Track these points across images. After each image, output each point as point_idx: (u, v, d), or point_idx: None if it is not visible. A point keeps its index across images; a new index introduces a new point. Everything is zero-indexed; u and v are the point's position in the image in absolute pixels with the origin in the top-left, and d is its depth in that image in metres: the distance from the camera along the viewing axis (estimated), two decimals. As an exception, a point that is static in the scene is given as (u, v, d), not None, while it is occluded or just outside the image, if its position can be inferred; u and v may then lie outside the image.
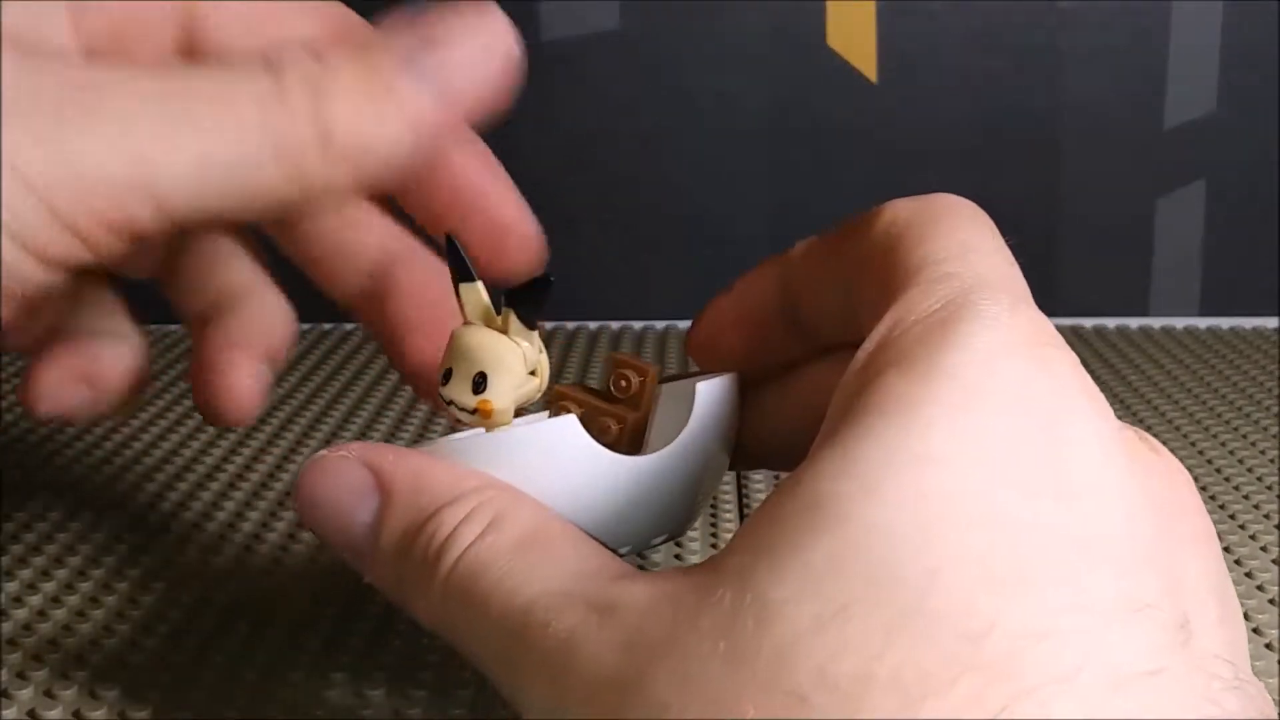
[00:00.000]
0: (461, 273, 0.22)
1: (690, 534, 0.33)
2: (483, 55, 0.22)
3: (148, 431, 0.41)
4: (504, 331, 0.21)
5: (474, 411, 0.21)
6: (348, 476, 0.21)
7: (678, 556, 0.32)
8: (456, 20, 0.22)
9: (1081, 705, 0.15)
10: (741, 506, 0.35)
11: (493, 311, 0.21)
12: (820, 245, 0.23)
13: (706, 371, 0.25)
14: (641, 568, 0.26)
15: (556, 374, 0.47)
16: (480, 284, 0.22)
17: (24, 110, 0.20)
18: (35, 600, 0.30)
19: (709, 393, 0.23)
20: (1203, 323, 0.54)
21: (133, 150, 0.20)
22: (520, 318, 0.21)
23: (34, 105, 0.20)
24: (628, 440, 0.23)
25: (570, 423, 0.21)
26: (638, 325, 0.54)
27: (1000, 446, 0.17)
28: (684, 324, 0.54)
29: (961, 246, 0.20)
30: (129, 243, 0.21)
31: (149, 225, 0.21)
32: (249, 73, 0.22)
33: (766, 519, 0.17)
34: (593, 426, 0.22)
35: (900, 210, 0.21)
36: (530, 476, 0.21)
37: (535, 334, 0.21)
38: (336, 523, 0.21)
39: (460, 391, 0.21)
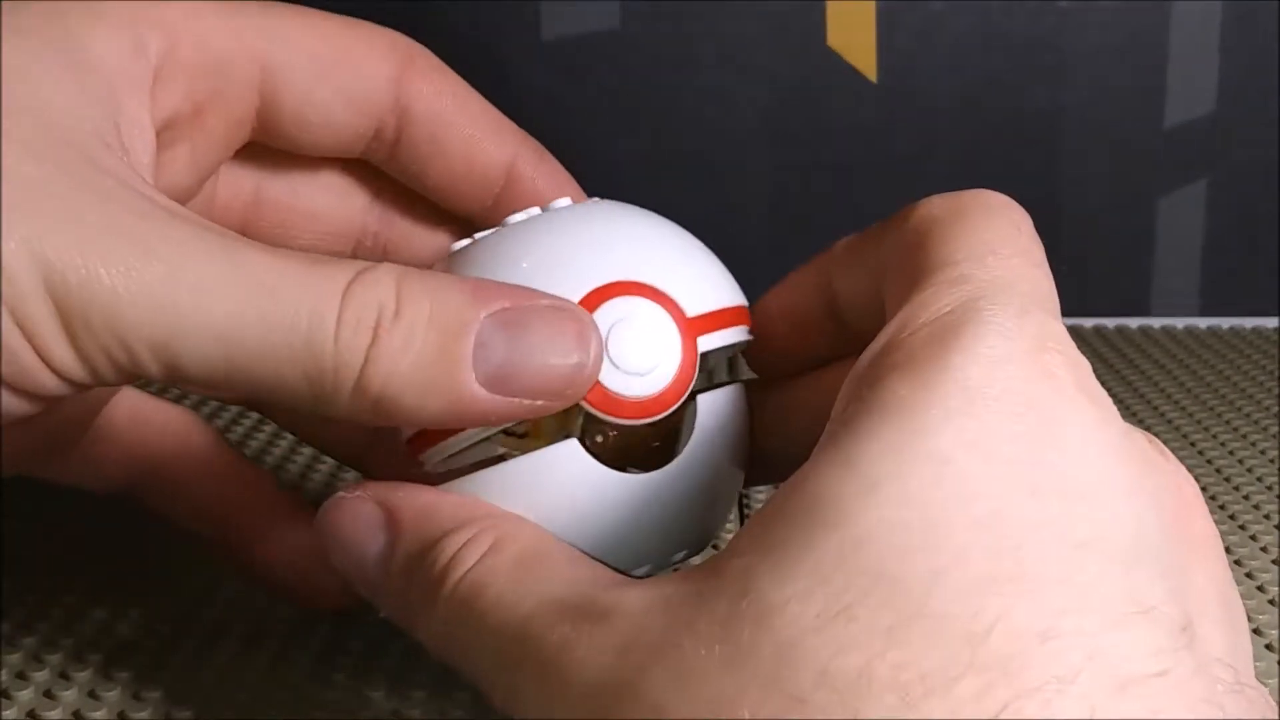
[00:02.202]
0: None
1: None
2: (554, 363, 0.21)
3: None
4: None
5: (524, 436, 0.22)
6: (361, 514, 0.22)
7: (676, 568, 0.32)
8: (544, 314, 0.21)
9: (1084, 706, 0.15)
10: (741, 508, 0.35)
11: None
12: (860, 240, 0.22)
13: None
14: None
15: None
16: None
17: (63, 210, 0.19)
18: (34, 599, 0.30)
19: (711, 404, 0.23)
20: (1203, 323, 0.54)
21: (164, 300, 0.19)
22: None
23: (74, 208, 0.20)
24: (664, 452, 0.23)
25: (570, 447, 0.22)
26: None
27: (1003, 449, 0.17)
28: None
29: (982, 247, 0.19)
30: (124, 379, 0.20)
31: (152, 373, 0.20)
32: (322, 275, 0.20)
33: (768, 519, 0.17)
34: (633, 441, 0.22)
35: (932, 207, 0.21)
36: (538, 503, 0.21)
37: None
38: (352, 557, 0.22)
39: None
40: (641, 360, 0.21)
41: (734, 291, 0.24)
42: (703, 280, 0.23)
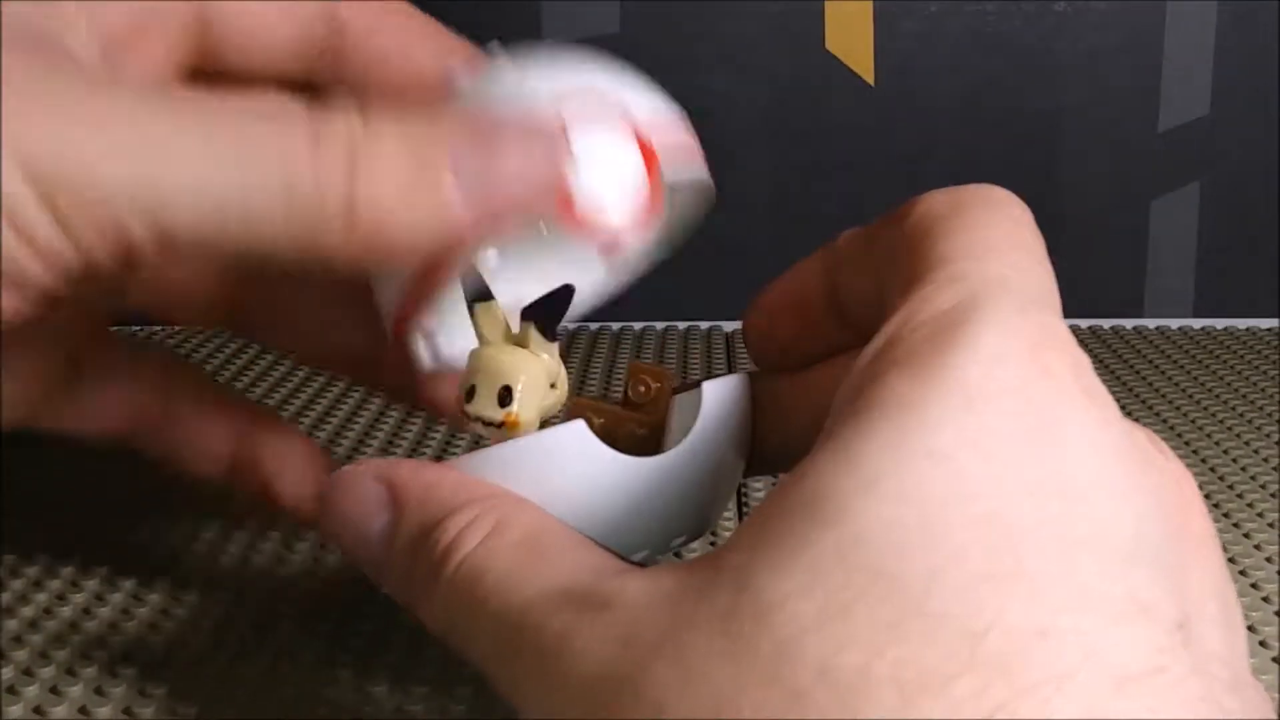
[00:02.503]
0: (478, 293, 0.22)
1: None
2: (529, 176, 0.22)
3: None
4: (524, 346, 0.22)
5: (500, 425, 0.22)
6: (364, 490, 0.22)
7: (677, 555, 0.32)
8: (513, 133, 0.22)
9: (1081, 704, 0.15)
10: (741, 505, 0.35)
11: (510, 328, 0.22)
12: (861, 235, 0.22)
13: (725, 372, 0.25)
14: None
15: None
16: (496, 302, 0.22)
17: (37, 105, 0.20)
18: (42, 598, 0.30)
19: (716, 392, 0.23)
20: (1197, 323, 0.54)
21: (140, 163, 0.20)
22: (540, 330, 0.22)
23: (47, 101, 0.20)
24: (653, 443, 0.24)
25: (577, 427, 0.22)
26: (637, 326, 0.54)
27: (1002, 447, 0.17)
28: (683, 325, 0.54)
29: (982, 244, 0.19)
30: (123, 257, 0.21)
31: (144, 242, 0.20)
32: (287, 114, 0.21)
33: (767, 515, 0.17)
34: (621, 432, 0.23)
35: (933, 202, 0.21)
36: (541, 484, 0.21)
37: (555, 346, 0.22)
38: (354, 534, 0.22)
39: (486, 406, 0.22)
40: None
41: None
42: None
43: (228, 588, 0.30)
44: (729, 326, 0.54)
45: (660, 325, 0.54)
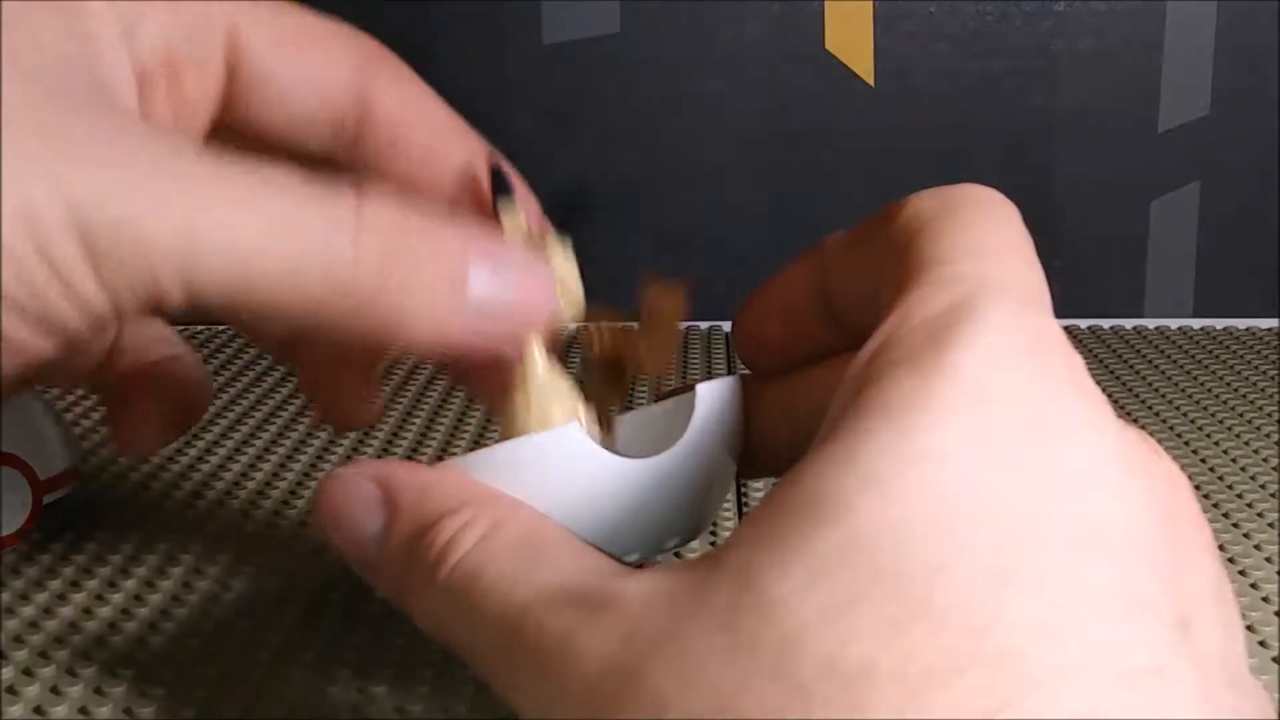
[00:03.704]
0: (503, 189, 0.23)
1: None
2: (532, 303, 0.23)
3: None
4: (542, 244, 0.23)
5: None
6: (359, 491, 0.22)
7: (676, 554, 0.32)
8: (521, 266, 0.23)
9: (1085, 700, 0.15)
10: (740, 505, 0.35)
11: (528, 229, 0.23)
12: (850, 237, 0.23)
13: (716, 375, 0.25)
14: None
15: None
16: (517, 200, 0.23)
17: (86, 152, 0.20)
18: (42, 598, 0.30)
19: (709, 394, 0.23)
20: (1197, 323, 0.54)
21: (185, 222, 0.20)
22: (558, 228, 0.23)
23: (96, 149, 0.20)
24: (652, 365, 0.24)
25: (571, 430, 0.22)
26: (637, 326, 0.54)
27: (1002, 446, 0.17)
28: (682, 325, 0.54)
29: (975, 245, 0.19)
30: (145, 309, 0.21)
31: (173, 296, 0.21)
32: (334, 197, 0.21)
33: (768, 514, 0.17)
34: (616, 384, 0.24)
35: (922, 203, 0.21)
36: (536, 485, 0.21)
37: (569, 245, 0.23)
38: (349, 535, 0.22)
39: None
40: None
41: None
42: None
43: (228, 588, 0.30)
44: (729, 326, 0.54)
45: (660, 325, 0.54)
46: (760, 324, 0.25)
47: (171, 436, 0.29)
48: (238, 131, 0.26)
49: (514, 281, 0.22)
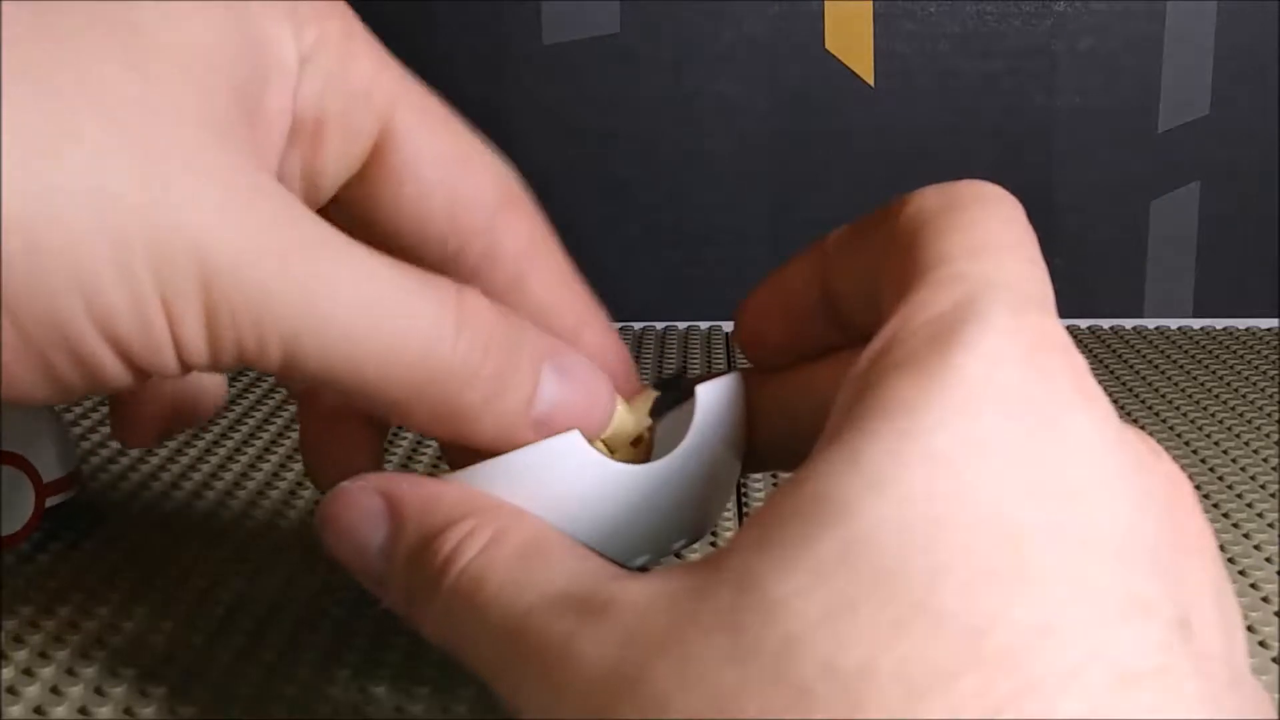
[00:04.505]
0: (666, 398, 0.24)
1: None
2: (591, 408, 0.23)
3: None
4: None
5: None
6: (364, 504, 0.22)
7: (677, 555, 0.32)
8: (584, 371, 0.23)
9: (1086, 702, 0.15)
10: (740, 507, 0.35)
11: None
12: (853, 232, 0.22)
13: (714, 374, 0.25)
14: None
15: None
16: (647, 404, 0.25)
17: (227, 196, 0.20)
18: (42, 598, 0.30)
19: (709, 394, 0.23)
20: (1197, 324, 0.54)
21: (303, 292, 0.20)
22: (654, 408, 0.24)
23: (236, 194, 0.20)
24: (643, 453, 0.24)
25: (573, 438, 0.22)
26: (637, 326, 0.54)
27: (1003, 449, 0.17)
28: (683, 325, 0.54)
29: (978, 243, 0.19)
30: (240, 365, 0.21)
31: (268, 362, 0.20)
32: (441, 287, 0.21)
33: (769, 517, 0.17)
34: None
35: (925, 200, 0.21)
36: (539, 494, 0.22)
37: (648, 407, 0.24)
38: (354, 548, 0.22)
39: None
40: None
41: None
42: None
43: (228, 587, 0.30)
44: (729, 326, 0.54)
45: (660, 325, 0.54)
46: (762, 319, 0.25)
47: (175, 433, 0.29)
48: (360, 216, 0.25)
49: (578, 388, 0.23)
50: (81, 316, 0.19)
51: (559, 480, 0.22)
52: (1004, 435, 0.17)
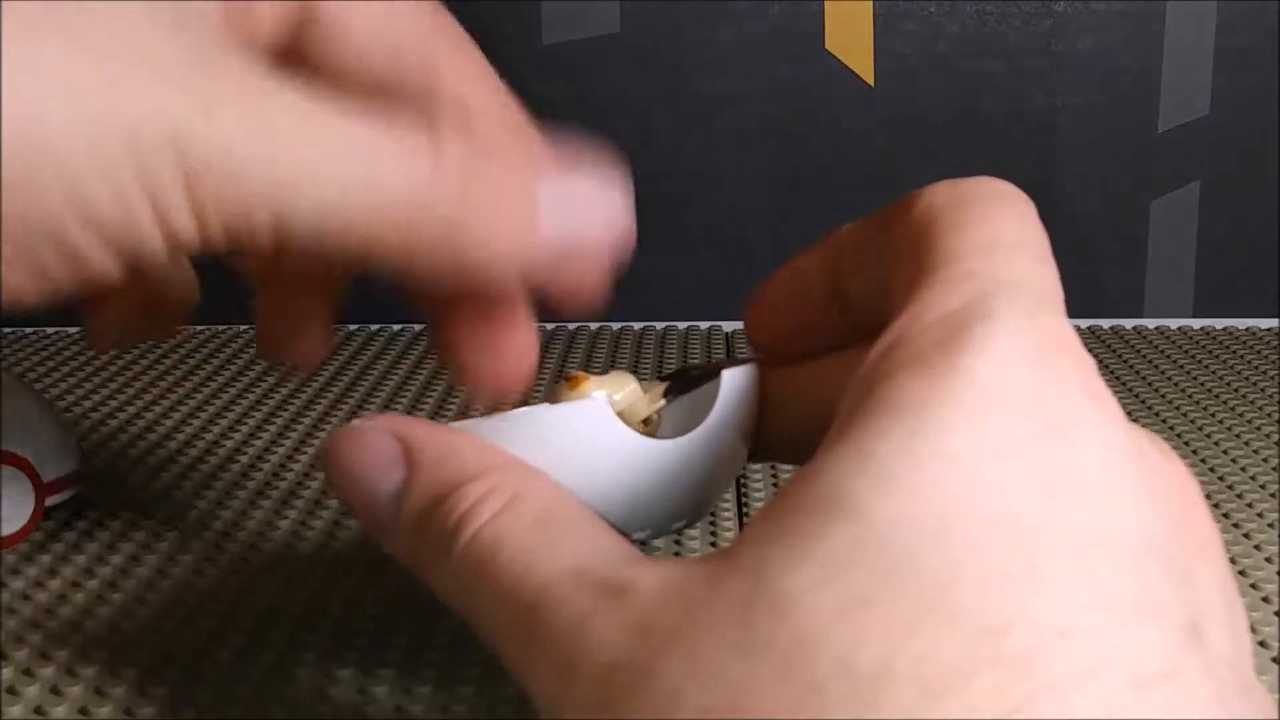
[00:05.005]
0: (675, 388, 0.25)
1: (690, 534, 0.33)
2: (602, 216, 0.23)
3: (154, 430, 0.41)
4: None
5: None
6: (377, 446, 0.21)
7: (677, 554, 0.32)
8: (589, 171, 0.23)
9: (1101, 704, 0.15)
10: (740, 506, 0.35)
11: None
12: (864, 227, 0.22)
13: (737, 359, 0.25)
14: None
15: (557, 372, 0.47)
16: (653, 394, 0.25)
17: (187, 74, 0.20)
18: (42, 598, 0.30)
19: (734, 379, 0.23)
20: (1197, 324, 0.54)
21: (279, 156, 0.20)
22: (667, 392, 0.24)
23: (203, 84, 0.20)
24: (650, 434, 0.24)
25: (599, 404, 0.22)
26: (637, 326, 0.54)
27: (1014, 448, 0.17)
28: (683, 325, 0.54)
29: (989, 241, 0.19)
30: (230, 245, 0.21)
31: (262, 233, 0.20)
32: (413, 128, 0.21)
33: (780, 511, 0.17)
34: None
35: (937, 196, 0.20)
36: (558, 456, 0.21)
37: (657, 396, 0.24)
38: (362, 490, 0.21)
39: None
40: None
41: None
42: None
43: (228, 587, 0.30)
44: (729, 326, 0.54)
45: (660, 325, 0.54)
46: (771, 312, 0.25)
47: (144, 336, 0.28)
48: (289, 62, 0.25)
49: (583, 191, 0.23)
50: (66, 210, 0.19)
51: (580, 444, 0.21)
52: (1014, 435, 0.17)
